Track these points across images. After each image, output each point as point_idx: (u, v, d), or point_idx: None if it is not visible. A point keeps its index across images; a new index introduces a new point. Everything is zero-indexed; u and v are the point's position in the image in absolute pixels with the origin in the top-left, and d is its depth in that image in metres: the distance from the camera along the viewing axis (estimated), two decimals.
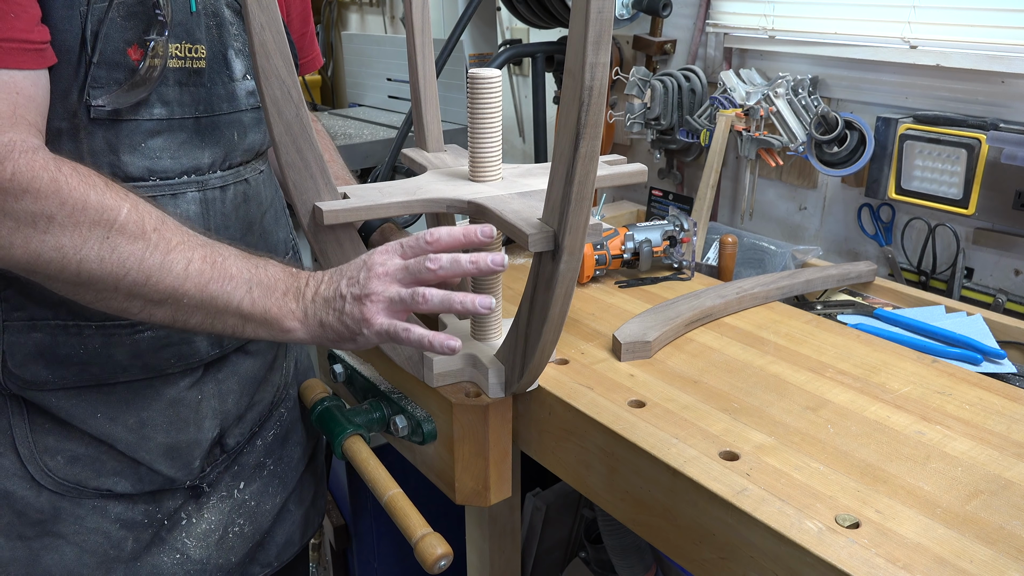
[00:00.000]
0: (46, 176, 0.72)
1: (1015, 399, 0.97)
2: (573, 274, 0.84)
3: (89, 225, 0.74)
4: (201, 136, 0.93)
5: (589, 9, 0.69)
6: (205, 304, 0.80)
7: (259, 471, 1.12)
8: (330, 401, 1.11)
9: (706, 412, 0.94)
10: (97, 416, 0.94)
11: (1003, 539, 0.73)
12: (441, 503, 1.16)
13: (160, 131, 0.89)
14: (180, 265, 0.78)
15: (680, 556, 0.86)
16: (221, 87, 0.94)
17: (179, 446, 1.00)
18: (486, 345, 1.04)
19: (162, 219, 0.79)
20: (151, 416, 0.97)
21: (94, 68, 0.82)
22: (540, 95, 1.84)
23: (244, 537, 1.09)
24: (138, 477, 0.98)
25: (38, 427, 0.93)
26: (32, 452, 0.93)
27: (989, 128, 1.28)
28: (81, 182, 0.74)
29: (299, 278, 0.85)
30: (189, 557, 1.03)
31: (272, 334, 0.84)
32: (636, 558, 1.58)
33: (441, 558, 0.88)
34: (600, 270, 1.34)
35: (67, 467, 0.95)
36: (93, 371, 0.93)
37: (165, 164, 0.90)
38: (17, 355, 0.89)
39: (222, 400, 1.04)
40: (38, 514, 0.95)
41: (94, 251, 0.74)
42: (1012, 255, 1.35)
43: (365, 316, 0.81)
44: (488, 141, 0.95)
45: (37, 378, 0.91)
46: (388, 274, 0.82)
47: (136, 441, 0.97)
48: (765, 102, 1.52)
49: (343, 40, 3.18)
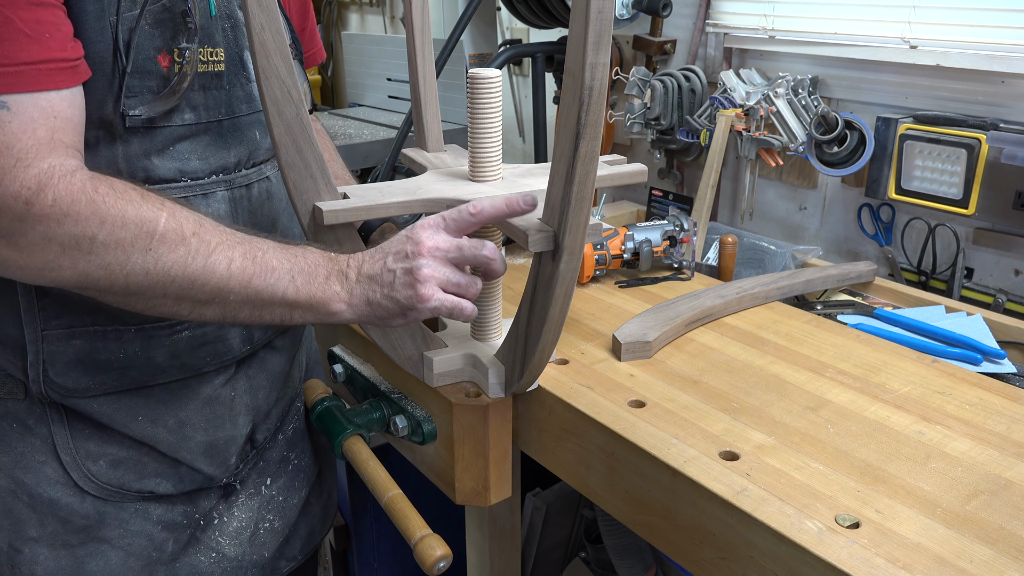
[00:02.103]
0: (84, 199, 0.74)
1: (1015, 399, 0.97)
2: (573, 274, 0.84)
3: (131, 240, 0.76)
4: (225, 138, 0.94)
5: (589, 9, 0.69)
6: (251, 299, 0.82)
7: (284, 466, 1.13)
8: (330, 401, 1.11)
9: (706, 412, 0.94)
10: (138, 419, 0.95)
11: (1003, 539, 0.73)
12: (441, 503, 1.16)
13: (188, 135, 0.90)
14: (222, 265, 0.79)
15: (680, 556, 0.86)
16: (239, 88, 0.95)
17: (217, 443, 1.01)
18: (486, 345, 1.04)
19: (199, 222, 0.80)
20: (189, 416, 0.99)
21: (128, 78, 0.83)
22: (540, 95, 1.84)
23: (274, 532, 1.11)
24: (179, 477, 0.99)
25: (78, 433, 0.94)
26: (74, 458, 0.94)
27: (989, 128, 1.28)
28: (118, 199, 0.76)
29: (339, 261, 0.86)
30: (224, 555, 1.05)
31: (319, 317, 0.85)
32: (636, 558, 1.58)
33: (440, 559, 0.88)
34: (600, 270, 1.34)
35: (110, 471, 0.95)
36: (132, 374, 0.93)
37: (194, 165, 0.92)
38: (58, 363, 0.90)
39: (253, 396, 1.05)
40: (83, 520, 0.95)
41: (139, 264, 0.76)
42: (1012, 255, 1.35)
43: (419, 293, 0.82)
44: (488, 141, 0.95)
45: (78, 385, 0.91)
46: (438, 248, 0.83)
47: (177, 441, 0.98)
48: (765, 102, 1.52)
49: (343, 40, 3.18)
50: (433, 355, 1.01)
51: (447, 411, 1.00)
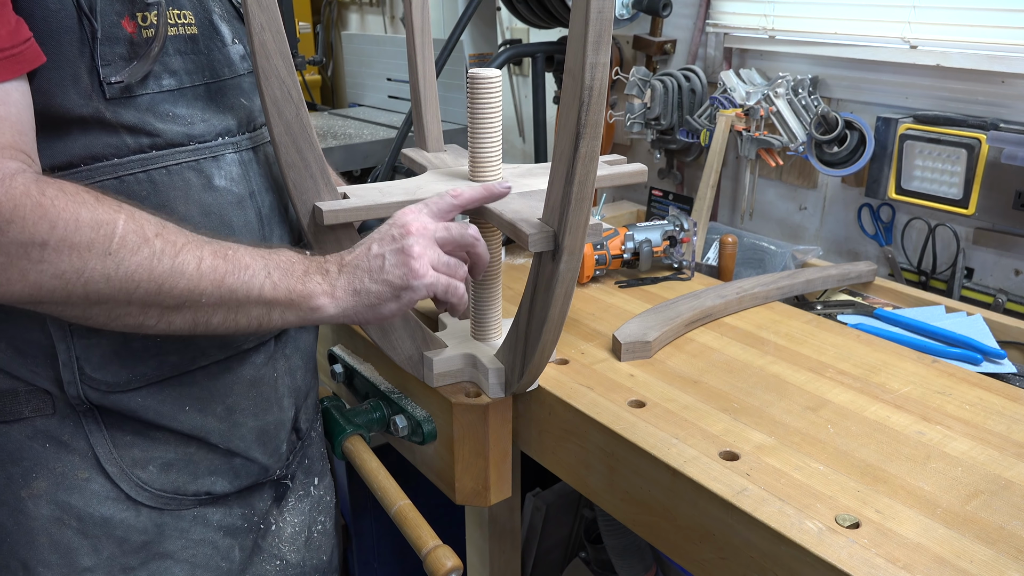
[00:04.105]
0: (29, 203, 0.66)
1: (1015, 399, 0.97)
2: (573, 274, 0.84)
3: (87, 244, 0.69)
4: (217, 101, 0.90)
5: (589, 9, 0.69)
6: (225, 299, 0.76)
7: (325, 464, 1.11)
8: (330, 401, 1.11)
9: (706, 412, 0.94)
10: (186, 410, 0.89)
11: (1003, 539, 0.73)
12: (441, 503, 1.16)
13: (178, 100, 0.85)
14: (192, 265, 0.73)
15: (680, 556, 0.86)
16: (217, 52, 0.90)
17: (267, 428, 0.96)
18: (486, 345, 1.04)
19: (161, 224, 0.74)
20: (236, 401, 0.93)
21: (99, 44, 0.76)
22: (540, 95, 1.84)
23: (327, 534, 1.08)
24: (234, 472, 0.94)
25: (120, 440, 0.87)
26: (121, 468, 0.87)
27: (989, 128, 1.28)
28: (69, 201, 0.69)
29: (315, 259, 0.82)
30: (288, 562, 1.01)
31: (300, 316, 0.80)
32: (636, 558, 1.58)
33: (451, 571, 0.87)
34: (600, 270, 1.34)
35: (162, 476, 0.89)
36: (172, 360, 0.87)
37: (200, 128, 0.87)
38: (93, 358, 0.83)
39: (292, 377, 1.01)
40: (141, 536, 0.88)
41: (98, 270, 0.69)
42: (1012, 255, 1.35)
43: (414, 269, 0.80)
44: (488, 141, 0.95)
45: (118, 379, 0.84)
46: (426, 228, 0.82)
47: (228, 429, 0.92)
48: (765, 102, 1.52)
49: (343, 40, 3.18)
50: (433, 355, 1.01)
51: (447, 411, 1.00)
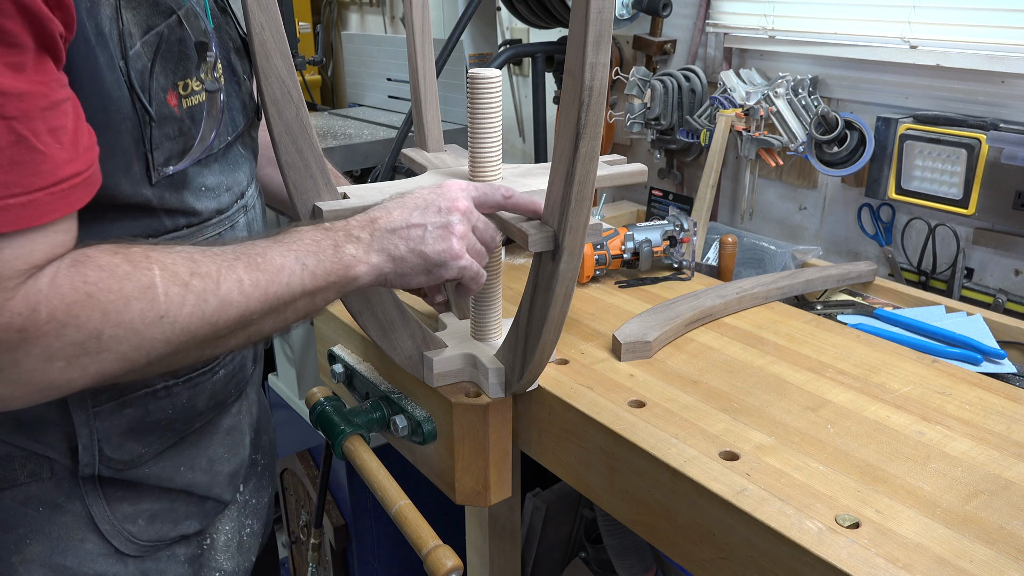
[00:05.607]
0: (79, 298, 0.61)
1: (1015, 399, 0.97)
2: (573, 274, 0.84)
3: (140, 317, 0.64)
4: (232, 161, 0.88)
5: (589, 9, 0.69)
6: (273, 307, 0.73)
7: (253, 468, 1.11)
8: (330, 401, 1.11)
9: (706, 412, 0.94)
10: (180, 470, 0.91)
11: (1003, 539, 0.73)
12: (441, 503, 1.16)
13: (204, 169, 0.83)
14: (235, 291, 0.70)
15: (680, 556, 0.86)
16: (235, 98, 0.88)
17: (237, 470, 0.99)
18: (486, 345, 1.04)
19: (189, 258, 0.69)
20: (216, 451, 0.95)
21: (153, 128, 0.72)
22: (540, 95, 1.84)
23: (255, 535, 1.09)
24: (204, 513, 0.96)
25: (112, 498, 0.87)
26: (113, 525, 0.87)
27: (989, 128, 1.28)
28: (110, 277, 0.63)
29: (338, 228, 0.78)
30: (226, 571, 1.02)
31: (339, 291, 0.78)
32: (636, 558, 1.58)
33: (452, 571, 0.87)
34: (600, 270, 1.34)
35: (149, 527, 0.90)
36: (176, 427, 0.88)
37: (225, 200, 0.86)
38: (112, 439, 0.83)
39: (251, 413, 1.03)
40: None
41: (157, 338, 0.65)
42: (1012, 255, 1.35)
43: (453, 249, 0.79)
44: (488, 141, 0.95)
45: (132, 455, 0.85)
46: (471, 212, 0.82)
47: (209, 480, 0.95)
48: (765, 102, 1.52)
49: (343, 40, 3.17)
50: (433, 355, 1.01)
51: (447, 411, 1.00)
